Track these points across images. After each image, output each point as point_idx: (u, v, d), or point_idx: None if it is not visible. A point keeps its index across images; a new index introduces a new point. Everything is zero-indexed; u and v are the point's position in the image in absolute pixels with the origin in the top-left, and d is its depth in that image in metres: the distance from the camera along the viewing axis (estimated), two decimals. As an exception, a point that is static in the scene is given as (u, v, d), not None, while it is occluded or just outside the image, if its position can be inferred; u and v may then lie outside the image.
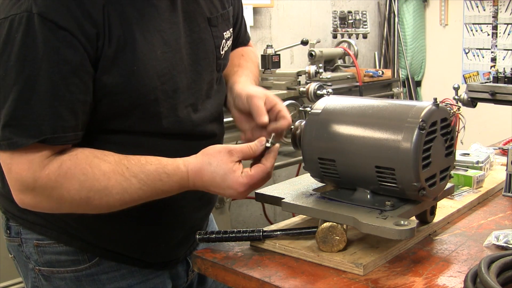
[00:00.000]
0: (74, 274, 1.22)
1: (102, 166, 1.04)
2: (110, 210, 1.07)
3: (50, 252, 1.22)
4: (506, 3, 3.99)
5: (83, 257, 1.22)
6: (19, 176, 1.02)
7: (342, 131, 1.15)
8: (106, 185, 1.04)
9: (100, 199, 1.04)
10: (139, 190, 1.06)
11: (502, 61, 4.05)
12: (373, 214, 1.09)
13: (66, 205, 1.05)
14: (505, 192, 1.50)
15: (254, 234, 1.17)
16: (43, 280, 1.24)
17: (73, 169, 1.03)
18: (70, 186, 1.03)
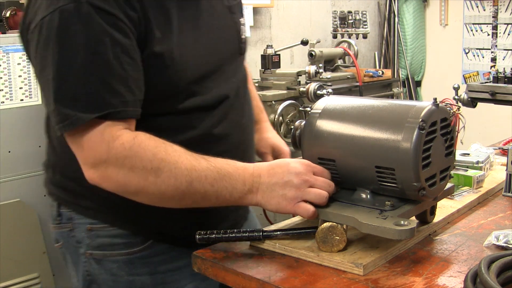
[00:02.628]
0: (127, 257, 1.24)
1: (173, 145, 1.10)
2: (176, 187, 1.08)
3: (103, 235, 1.24)
4: (506, 3, 3.99)
5: (136, 240, 1.24)
6: (93, 150, 1.07)
7: (342, 131, 1.15)
8: (176, 160, 1.08)
9: (169, 171, 1.07)
10: (207, 170, 1.09)
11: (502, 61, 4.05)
12: (373, 214, 1.09)
13: (135, 178, 1.07)
14: (505, 192, 1.50)
15: (254, 234, 1.17)
16: (94, 263, 1.25)
17: (147, 141, 1.08)
18: (143, 155, 1.06)
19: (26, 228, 2.97)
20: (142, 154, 1.07)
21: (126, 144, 1.07)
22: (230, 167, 1.12)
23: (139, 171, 1.07)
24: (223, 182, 1.10)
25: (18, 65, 2.92)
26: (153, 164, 1.07)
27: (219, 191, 1.11)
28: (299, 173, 1.10)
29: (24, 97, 2.96)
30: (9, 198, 2.91)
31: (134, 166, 1.07)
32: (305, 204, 1.10)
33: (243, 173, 1.12)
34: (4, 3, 3.00)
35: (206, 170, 1.09)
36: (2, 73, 2.87)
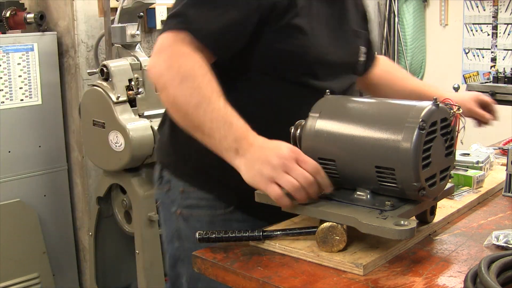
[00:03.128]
0: (209, 218, 1.39)
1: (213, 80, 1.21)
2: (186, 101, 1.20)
3: (192, 197, 1.40)
4: (506, 3, 3.99)
5: (220, 204, 1.39)
6: (163, 42, 1.25)
7: (342, 131, 1.15)
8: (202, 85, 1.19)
9: (191, 86, 1.19)
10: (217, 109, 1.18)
11: (502, 61, 4.05)
12: (373, 214, 1.09)
13: (167, 74, 1.22)
14: (505, 192, 1.49)
15: (254, 234, 1.17)
16: (182, 221, 1.42)
17: (199, 59, 1.22)
18: (184, 64, 1.21)
19: (26, 228, 2.97)
20: (185, 61, 1.21)
21: (183, 49, 1.23)
22: (236, 122, 1.18)
23: (172, 71, 1.21)
24: (221, 126, 1.17)
25: (18, 65, 2.92)
26: (185, 73, 1.20)
27: (212, 131, 1.17)
28: (281, 155, 1.11)
29: (24, 97, 2.96)
30: (9, 198, 2.91)
31: (171, 66, 1.22)
32: (277, 187, 1.11)
33: (240, 133, 1.17)
34: (4, 3, 2.99)
35: (216, 108, 1.17)
36: (2, 73, 2.87)
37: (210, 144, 1.20)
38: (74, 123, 3.11)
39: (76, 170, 3.17)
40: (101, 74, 2.56)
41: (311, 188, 1.11)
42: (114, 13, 2.81)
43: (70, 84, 3.09)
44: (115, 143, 2.51)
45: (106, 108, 2.52)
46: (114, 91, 2.53)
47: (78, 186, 3.18)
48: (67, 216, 3.19)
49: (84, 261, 3.25)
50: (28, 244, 2.98)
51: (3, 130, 2.88)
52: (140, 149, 2.50)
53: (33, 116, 2.99)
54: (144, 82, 2.61)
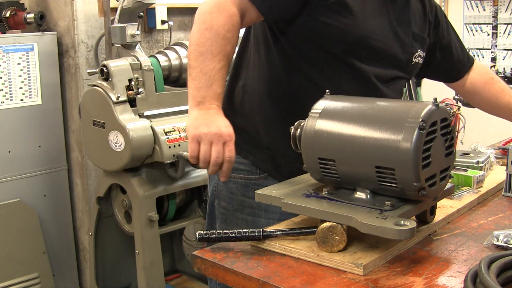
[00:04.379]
0: (244, 181, 1.56)
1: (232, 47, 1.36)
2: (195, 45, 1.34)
3: None
4: (506, 3, 3.99)
5: (255, 170, 1.55)
6: None
7: (342, 131, 1.15)
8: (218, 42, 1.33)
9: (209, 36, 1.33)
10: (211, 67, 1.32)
11: (502, 61, 4.05)
12: (373, 214, 1.09)
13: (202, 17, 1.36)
14: (505, 192, 1.50)
15: (254, 234, 1.17)
16: (220, 182, 1.58)
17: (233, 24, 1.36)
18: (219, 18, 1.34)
19: (26, 228, 2.97)
20: (221, 17, 1.34)
21: (227, 9, 1.35)
22: (215, 86, 1.32)
23: (207, 16, 1.35)
24: (204, 80, 1.31)
25: (18, 65, 2.92)
26: (212, 25, 1.34)
27: (197, 78, 1.32)
28: (219, 129, 1.27)
29: (24, 97, 2.96)
30: (9, 198, 2.91)
31: (211, 13, 1.35)
32: (196, 146, 1.26)
33: (211, 95, 1.32)
34: (4, 3, 3.00)
35: (212, 66, 1.32)
36: (2, 73, 2.87)
37: (188, 85, 1.35)
38: (74, 123, 3.11)
39: (76, 170, 3.17)
40: (101, 74, 2.56)
41: (214, 167, 1.27)
42: (114, 13, 2.81)
43: (70, 84, 3.09)
44: (115, 143, 2.51)
45: (106, 108, 2.52)
46: (114, 91, 2.52)
47: (78, 186, 3.18)
48: (67, 216, 3.19)
49: (84, 261, 3.25)
50: (28, 244, 2.98)
51: (3, 130, 2.88)
52: (140, 149, 2.50)
53: (33, 116, 2.99)
54: (144, 82, 2.61)
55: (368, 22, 1.47)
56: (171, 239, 3.22)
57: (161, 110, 2.68)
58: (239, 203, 1.56)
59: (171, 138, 2.56)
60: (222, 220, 1.60)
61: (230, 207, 1.58)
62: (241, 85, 1.58)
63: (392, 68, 1.55)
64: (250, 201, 1.54)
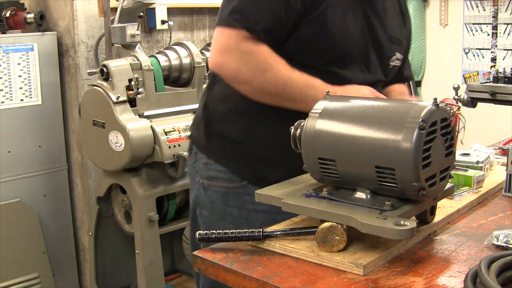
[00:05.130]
0: (225, 190, 1.54)
1: (281, 59, 1.41)
2: (275, 86, 1.40)
3: (212, 169, 1.55)
4: (506, 3, 3.99)
5: (235, 178, 1.53)
6: (225, 40, 1.41)
7: (342, 131, 1.15)
8: (280, 67, 1.40)
9: (272, 73, 1.39)
10: (299, 80, 1.40)
11: (502, 61, 4.05)
12: (373, 214, 1.09)
13: (246, 70, 1.40)
14: (505, 192, 1.49)
15: (254, 234, 1.17)
16: (202, 190, 1.58)
17: (264, 50, 1.40)
18: (258, 56, 1.39)
19: (26, 228, 2.97)
20: (257, 55, 1.39)
21: (250, 46, 1.39)
22: (316, 82, 1.41)
23: (251, 66, 1.40)
24: (309, 91, 1.39)
25: (18, 65, 2.92)
26: (262, 65, 1.39)
27: (304, 97, 1.39)
28: (365, 94, 1.39)
29: (24, 97, 2.96)
30: (9, 198, 2.91)
31: (248, 62, 1.39)
32: None
33: (325, 87, 1.35)
34: (4, 3, 2.99)
35: (298, 80, 1.40)
36: (2, 73, 2.87)
37: (304, 108, 1.33)
38: (74, 123, 3.11)
39: (76, 170, 3.17)
40: (101, 74, 2.56)
41: None
42: (114, 13, 2.81)
43: (70, 84, 3.09)
44: (115, 143, 2.51)
45: (106, 108, 2.52)
46: (114, 91, 2.53)
47: (78, 186, 3.18)
48: (67, 216, 3.19)
49: (84, 261, 3.25)
50: (28, 244, 2.98)
51: (3, 130, 2.88)
52: (140, 149, 2.50)
53: (33, 116, 2.99)
54: (144, 82, 2.61)
55: (349, 30, 1.47)
56: (171, 239, 3.22)
57: (161, 110, 2.68)
58: (220, 212, 1.55)
59: (171, 138, 2.56)
60: (205, 229, 1.55)
61: (211, 216, 1.57)
62: (219, 92, 1.57)
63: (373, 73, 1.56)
64: (231, 209, 1.53)
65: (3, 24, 2.99)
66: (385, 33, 1.56)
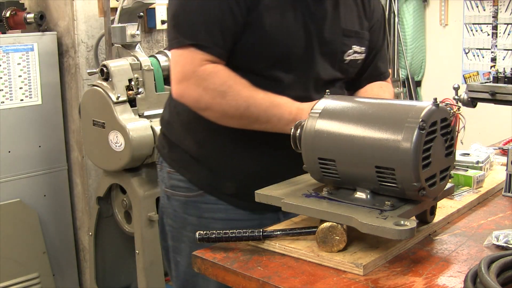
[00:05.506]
0: (184, 199, 1.54)
1: (241, 79, 1.37)
2: (236, 108, 1.35)
3: (174, 178, 1.56)
4: (506, 3, 3.99)
5: (192, 187, 1.53)
6: (182, 68, 1.37)
7: (342, 131, 1.15)
8: (240, 88, 1.36)
9: (233, 96, 1.35)
10: (262, 99, 1.36)
11: (502, 61, 4.05)
12: (373, 214, 1.09)
13: (206, 96, 1.36)
14: (505, 192, 1.49)
15: (254, 234, 1.17)
16: (166, 199, 1.60)
17: (222, 71, 1.37)
18: (216, 80, 1.35)
19: (26, 228, 2.97)
20: (215, 79, 1.35)
21: (207, 70, 1.35)
22: (282, 100, 1.37)
23: (210, 91, 1.35)
24: (273, 111, 1.36)
25: (18, 65, 2.92)
26: (221, 88, 1.35)
27: (269, 117, 1.36)
28: None
29: (24, 97, 2.96)
30: (9, 198, 2.91)
31: (207, 88, 1.35)
32: None
33: (290, 106, 1.36)
34: (4, 3, 2.99)
35: (261, 100, 1.36)
36: (2, 73, 2.87)
37: (271, 128, 1.38)
38: (74, 123, 3.11)
39: (76, 170, 3.17)
40: (101, 74, 2.56)
41: None
42: (114, 13, 2.81)
43: (70, 84, 3.09)
44: (115, 143, 2.51)
45: (106, 108, 2.52)
46: (114, 91, 2.52)
47: (78, 186, 3.18)
48: (67, 216, 3.19)
49: (84, 261, 3.25)
50: (28, 244, 2.97)
51: (3, 130, 2.88)
52: (140, 149, 2.50)
53: (33, 116, 2.99)
54: (144, 82, 2.61)
55: (289, 31, 1.41)
56: (171, 239, 3.22)
57: (161, 110, 2.66)
58: (182, 220, 1.55)
59: (171, 138, 2.55)
60: (171, 237, 1.60)
61: (174, 224, 1.58)
62: (174, 105, 1.56)
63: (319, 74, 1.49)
64: (191, 218, 1.54)
65: (3, 24, 2.98)
66: (335, 27, 1.49)
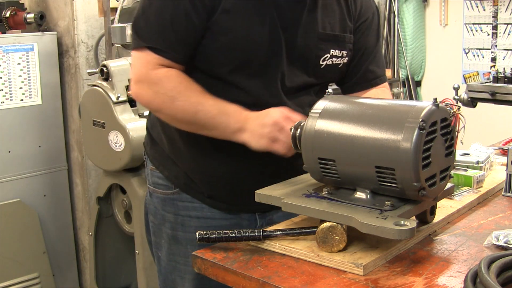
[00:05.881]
0: (162, 196, 1.57)
1: (193, 85, 1.38)
2: (184, 113, 1.37)
3: (155, 176, 1.59)
4: (506, 3, 3.99)
5: (170, 185, 1.55)
6: (138, 70, 1.40)
7: (342, 131, 1.15)
8: (190, 95, 1.37)
9: (182, 101, 1.36)
10: (211, 107, 1.36)
11: (502, 61, 4.04)
12: (373, 214, 1.09)
13: (156, 100, 1.39)
14: (505, 192, 1.49)
15: (254, 234, 1.17)
16: (149, 196, 1.63)
17: (175, 76, 1.38)
18: (167, 85, 1.37)
19: (26, 228, 2.97)
20: (166, 84, 1.37)
21: (159, 75, 1.37)
22: (229, 109, 1.37)
23: (160, 96, 1.38)
24: (220, 119, 1.36)
25: (18, 65, 2.92)
26: (171, 93, 1.37)
27: (216, 125, 1.37)
28: (274, 117, 1.32)
29: (24, 97, 2.96)
30: (9, 198, 2.91)
31: (157, 92, 1.38)
32: (279, 145, 1.31)
33: (238, 115, 1.36)
34: (4, 3, 2.99)
35: (210, 107, 1.36)
36: (2, 73, 2.87)
37: (217, 135, 1.39)
38: (74, 123, 3.11)
39: (76, 170, 3.17)
40: (101, 74, 2.56)
41: None
42: (114, 13, 2.81)
43: (70, 84, 3.09)
44: (115, 143, 2.51)
45: (106, 108, 2.52)
46: (114, 91, 2.52)
47: (78, 186, 3.18)
48: (67, 216, 3.19)
49: (84, 261, 3.25)
50: (28, 244, 2.98)
51: (3, 130, 2.88)
52: (140, 149, 2.47)
53: (33, 116, 2.99)
54: (144, 82, 2.60)
55: (254, 36, 1.38)
56: (171, 239, 3.22)
57: (161, 110, 2.68)
58: (161, 217, 1.57)
59: (171, 138, 2.55)
60: (153, 233, 1.63)
61: (155, 221, 1.60)
62: None
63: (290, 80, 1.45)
64: (169, 215, 1.55)
65: (3, 24, 2.99)
66: (310, 32, 1.44)
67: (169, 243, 1.56)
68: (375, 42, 1.58)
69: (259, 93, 1.42)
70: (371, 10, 1.57)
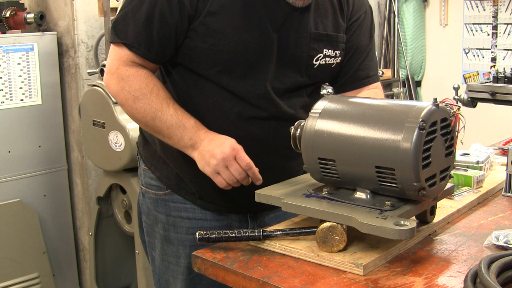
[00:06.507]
0: (154, 197, 1.58)
1: (160, 91, 1.41)
2: (142, 116, 1.40)
3: (147, 176, 1.60)
4: (506, 3, 3.99)
5: (162, 186, 1.56)
6: (111, 62, 1.42)
7: (342, 131, 1.15)
8: (152, 99, 1.39)
9: (143, 104, 1.39)
10: (170, 116, 1.38)
11: (502, 61, 4.05)
12: (373, 214, 1.09)
13: (120, 95, 1.42)
14: (505, 192, 1.50)
15: (254, 234, 1.17)
16: (141, 196, 1.64)
17: (143, 77, 1.40)
18: (133, 84, 1.39)
19: (26, 228, 2.97)
20: (133, 83, 1.39)
21: (128, 71, 1.40)
22: (187, 123, 1.39)
23: (125, 92, 1.40)
24: (176, 130, 1.38)
25: (18, 65, 2.92)
26: (135, 93, 1.39)
27: (170, 134, 1.39)
28: (223, 152, 1.33)
29: (24, 97, 2.96)
30: (9, 198, 2.91)
31: (123, 88, 1.40)
32: (221, 178, 1.34)
33: (194, 132, 1.38)
34: (4, 3, 2.99)
35: (169, 116, 1.38)
36: (2, 73, 2.87)
37: (170, 144, 1.42)
38: (74, 123, 3.11)
39: (76, 170, 3.17)
40: (101, 74, 2.56)
41: (244, 180, 1.34)
42: (114, 13, 2.80)
43: (70, 84, 3.09)
44: (115, 143, 2.51)
45: (106, 108, 2.52)
46: (114, 91, 2.52)
47: (78, 186, 3.18)
48: (67, 216, 3.19)
49: (84, 261, 3.25)
50: (28, 244, 2.97)
51: (3, 130, 2.88)
52: (140, 149, 2.50)
53: (33, 116, 2.99)
54: (144, 82, 2.60)
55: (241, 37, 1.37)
56: (171, 239, 3.22)
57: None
58: (154, 217, 1.58)
59: (171, 138, 2.55)
60: (146, 233, 1.64)
61: (148, 221, 1.61)
62: None
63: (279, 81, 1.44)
64: (161, 216, 1.56)
65: (3, 24, 2.99)
66: (302, 32, 1.43)
67: (162, 244, 1.57)
68: (367, 41, 1.56)
69: (248, 94, 1.41)
70: (364, 9, 1.56)
